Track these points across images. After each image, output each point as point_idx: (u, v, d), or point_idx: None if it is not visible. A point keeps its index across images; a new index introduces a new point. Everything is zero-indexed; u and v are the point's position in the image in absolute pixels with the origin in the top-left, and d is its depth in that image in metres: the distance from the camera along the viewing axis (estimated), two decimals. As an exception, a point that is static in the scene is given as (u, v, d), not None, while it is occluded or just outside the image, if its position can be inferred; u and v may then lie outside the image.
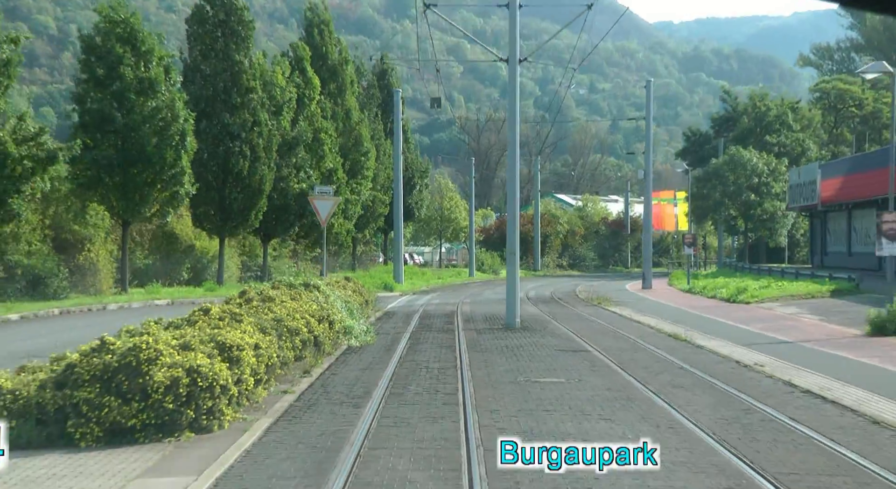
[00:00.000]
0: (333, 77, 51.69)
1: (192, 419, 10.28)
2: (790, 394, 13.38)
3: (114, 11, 32.53)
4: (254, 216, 39.94)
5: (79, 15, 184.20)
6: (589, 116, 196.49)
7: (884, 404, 12.35)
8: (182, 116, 33.31)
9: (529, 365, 16.62)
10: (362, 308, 25.07)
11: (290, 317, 15.71)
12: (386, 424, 11.14)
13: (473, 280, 62.55)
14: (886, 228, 21.19)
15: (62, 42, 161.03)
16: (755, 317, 27.18)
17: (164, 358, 10.32)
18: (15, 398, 9.99)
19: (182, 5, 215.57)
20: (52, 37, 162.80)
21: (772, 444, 10.05)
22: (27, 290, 30.04)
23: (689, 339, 20.67)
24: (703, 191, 63.76)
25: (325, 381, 14.62)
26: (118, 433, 9.95)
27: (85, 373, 10.16)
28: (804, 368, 15.79)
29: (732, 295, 34.37)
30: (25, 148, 27.05)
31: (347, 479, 8.50)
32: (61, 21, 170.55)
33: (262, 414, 11.65)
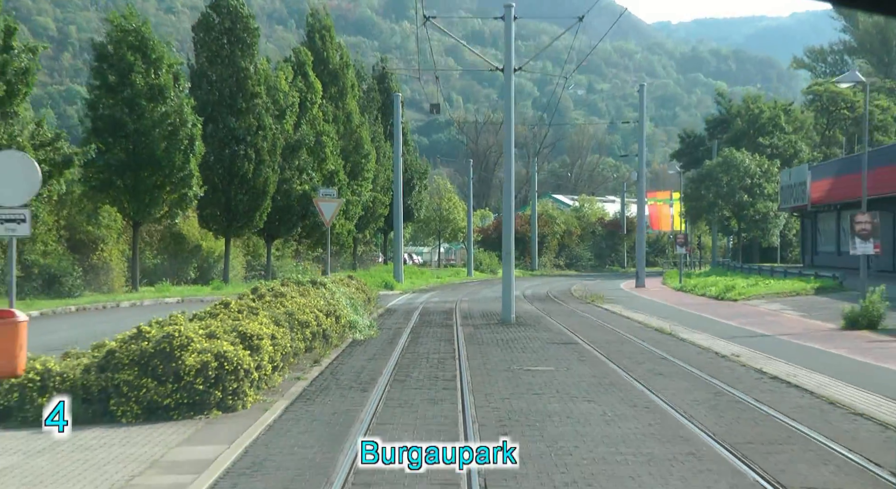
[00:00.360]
0: (334, 81, 52.90)
1: (219, 399, 11.55)
2: (759, 380, 14.66)
3: (125, 20, 33.80)
4: (258, 217, 41.19)
5: (78, 16, 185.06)
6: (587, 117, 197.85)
7: (842, 388, 13.63)
8: (190, 121, 34.59)
9: (522, 356, 17.90)
10: (365, 305, 26.32)
11: (301, 312, 16.97)
12: (391, 405, 12.42)
13: (472, 279, 63.81)
14: (859, 229, 22.47)
15: (62, 43, 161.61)
16: (739, 313, 28.48)
17: (195, 344, 11.61)
18: (63, 380, 11.27)
19: (182, 6, 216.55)
20: (51, 38, 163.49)
21: (734, 420, 11.33)
22: (43, 289, 31.33)
23: (673, 333, 21.96)
24: (698, 192, 64.99)
25: (334, 370, 15.90)
26: (154, 411, 11.22)
27: (124, 358, 11.44)
28: (776, 358, 17.08)
29: (721, 293, 35.65)
30: (43, 152, 28.28)
31: (350, 469, 9.75)
32: (61, 23, 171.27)
33: (280, 396, 12.93)
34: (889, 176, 43.80)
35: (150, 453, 9.54)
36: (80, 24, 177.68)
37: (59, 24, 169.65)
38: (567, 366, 16.23)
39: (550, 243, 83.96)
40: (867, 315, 21.77)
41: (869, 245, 22.35)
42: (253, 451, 9.73)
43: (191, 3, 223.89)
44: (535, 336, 21.80)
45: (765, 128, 72.92)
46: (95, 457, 9.38)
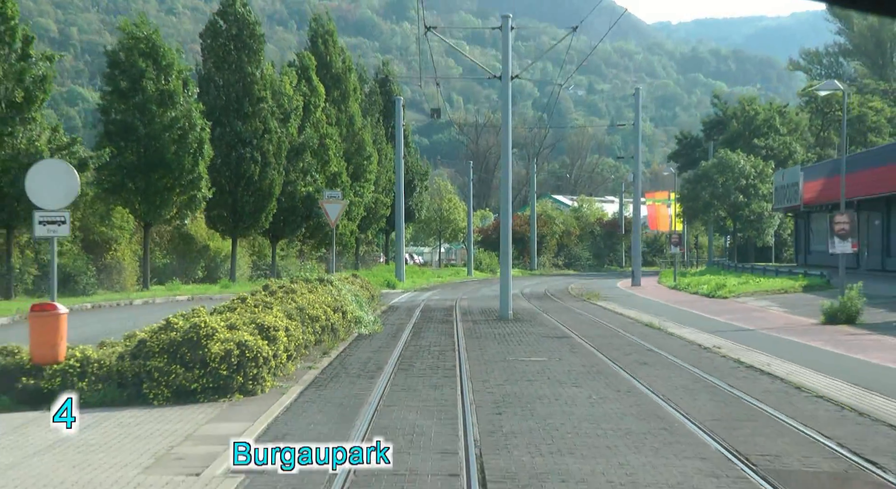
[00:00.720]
0: (337, 85, 54.07)
1: (241, 383, 12.76)
2: (736, 369, 15.87)
3: (137, 28, 35.02)
4: (264, 218, 42.40)
5: (79, 18, 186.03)
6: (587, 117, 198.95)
7: (810, 375, 14.84)
8: (199, 125, 35.81)
9: (518, 348, 19.11)
10: (369, 302, 27.51)
11: (311, 307, 18.17)
12: (396, 390, 13.63)
13: (472, 278, 65.02)
14: (838, 228, 23.66)
15: (63, 45, 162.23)
16: (728, 309, 29.69)
17: (219, 334, 12.81)
18: (100, 366, 12.48)
19: (182, 8, 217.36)
20: (52, 39, 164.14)
21: (707, 402, 12.54)
22: (58, 287, 32.38)
23: (662, 328, 23.16)
24: (694, 192, 66.18)
25: (343, 360, 17.11)
26: (183, 394, 12.42)
27: (155, 347, 12.65)
28: (755, 349, 18.28)
29: (712, 290, 36.84)
30: (59, 156, 29.47)
31: (369, 424, 10.99)
32: (62, 24, 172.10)
33: (294, 382, 14.14)
34: (879, 177, 45.01)
35: (184, 429, 10.74)
36: (82, 25, 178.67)
37: (60, 25, 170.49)
38: (559, 357, 17.43)
39: (549, 243, 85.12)
40: (845, 310, 22.96)
41: (847, 244, 23.54)
42: (274, 428, 10.93)
43: (192, 5, 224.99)
44: (530, 331, 23.01)
45: (760, 129, 74.15)
46: (135, 432, 10.59)
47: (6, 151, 29.25)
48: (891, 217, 45.84)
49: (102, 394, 12.29)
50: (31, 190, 13.15)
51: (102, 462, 9.09)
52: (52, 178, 12.81)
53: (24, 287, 31.95)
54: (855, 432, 10.58)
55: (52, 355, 12.45)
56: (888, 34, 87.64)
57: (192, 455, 9.40)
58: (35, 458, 9.22)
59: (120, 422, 11.14)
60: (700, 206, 66.49)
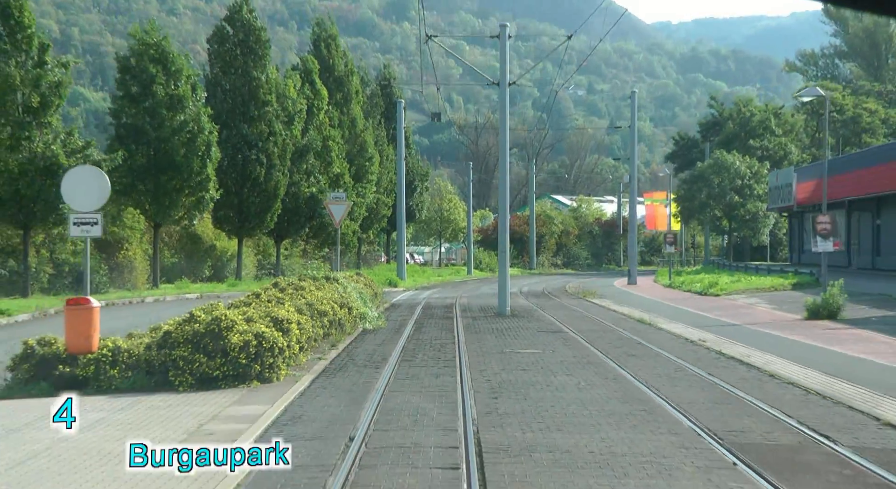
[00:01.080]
0: (340, 87, 55.23)
1: (258, 372, 13.89)
2: (717, 360, 17.01)
3: (147, 35, 36.18)
4: (269, 218, 43.56)
5: (81, 19, 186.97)
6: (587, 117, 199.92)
7: (785, 365, 15.97)
8: (207, 129, 36.97)
9: (514, 341, 20.26)
10: (373, 299, 28.64)
11: (319, 303, 19.31)
12: (401, 378, 14.77)
13: (472, 278, 66.15)
14: (820, 228, 24.81)
15: (64, 45, 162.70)
16: (718, 306, 30.84)
17: (238, 326, 13.95)
18: (130, 355, 13.62)
19: (183, 8, 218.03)
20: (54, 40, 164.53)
21: (686, 388, 13.67)
22: (72, 285, 33.69)
23: (652, 323, 24.30)
24: (690, 193, 67.37)
25: (350, 352, 18.26)
26: (205, 381, 13.56)
27: (179, 338, 13.79)
28: (738, 343, 19.42)
29: (704, 288, 37.97)
30: (74, 159, 30.66)
31: (377, 407, 12.12)
32: (63, 25, 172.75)
33: (306, 372, 15.27)
34: (869, 178, 46.15)
35: (210, 410, 11.88)
36: (83, 26, 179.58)
37: (61, 26, 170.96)
38: (552, 349, 18.57)
39: (548, 243, 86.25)
40: (827, 306, 24.09)
41: (829, 243, 24.68)
42: (291, 410, 12.07)
43: (192, 5, 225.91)
44: (526, 326, 24.15)
45: (755, 130, 75.33)
46: (166, 413, 11.73)
47: (23, 155, 30.41)
48: (881, 217, 46.96)
49: (132, 380, 13.43)
50: (66, 194, 14.30)
51: (141, 437, 10.23)
52: (85, 183, 13.94)
53: (40, 285, 33.13)
54: (816, 413, 11.72)
55: (87, 345, 13.59)
56: (883, 36, 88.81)
57: (220, 431, 10.54)
58: (82, 434, 10.34)
59: (150, 405, 12.28)
60: (696, 206, 67.71)
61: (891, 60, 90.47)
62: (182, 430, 10.59)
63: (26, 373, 13.44)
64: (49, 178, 30.28)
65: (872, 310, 26.17)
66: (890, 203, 45.49)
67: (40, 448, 9.67)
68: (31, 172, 30.26)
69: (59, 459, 9.18)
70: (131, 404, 12.29)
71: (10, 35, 30.27)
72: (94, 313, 13.74)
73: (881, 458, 9.25)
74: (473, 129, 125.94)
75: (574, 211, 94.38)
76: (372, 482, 8.39)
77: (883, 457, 9.29)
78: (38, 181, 30.40)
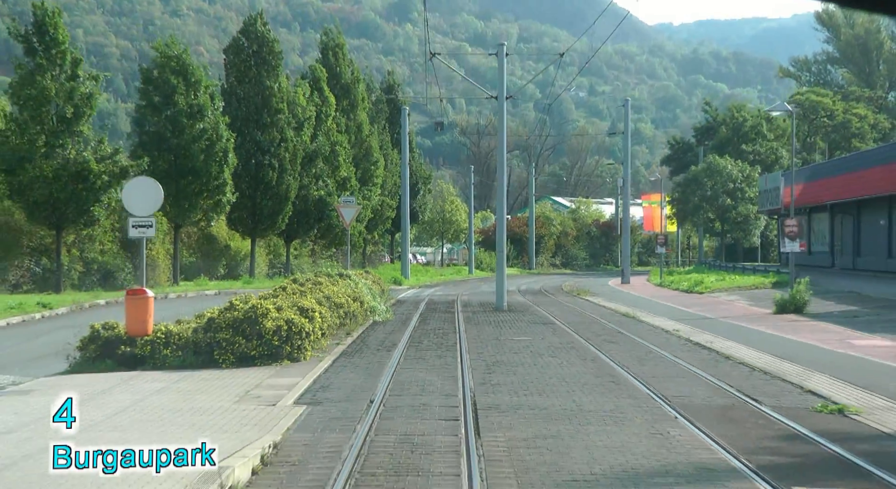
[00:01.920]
0: (346, 94, 57.71)
1: (288, 352, 16.34)
2: (684, 345, 19.47)
3: (168, 48, 38.67)
4: (280, 220, 46.03)
5: (85, 20, 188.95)
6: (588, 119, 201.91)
7: (742, 349, 18.41)
8: (225, 136, 39.46)
9: (509, 331, 22.72)
10: (381, 295, 31.09)
11: (335, 296, 21.76)
12: (409, 358, 17.24)
13: (473, 277, 68.61)
14: (788, 231, 27.26)
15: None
16: (699, 302, 33.30)
17: (271, 313, 16.41)
18: (179, 338, 16.08)
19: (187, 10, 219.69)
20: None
21: (651, 367, 16.13)
22: (100, 282, 36.20)
23: (635, 317, 26.76)
24: (685, 195, 69.80)
25: (363, 339, 20.73)
26: (244, 359, 16.00)
27: (222, 323, 16.24)
28: (707, 332, 21.87)
29: (691, 287, 40.43)
30: (104, 165, 33.16)
31: (390, 379, 14.58)
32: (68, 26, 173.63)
33: (327, 354, 17.73)
34: (851, 182, 48.59)
35: (252, 381, 14.33)
36: (87, 27, 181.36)
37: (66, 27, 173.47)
38: (542, 337, 21.04)
39: (547, 243, 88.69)
40: (794, 302, 26.53)
41: (795, 244, 27.12)
42: (319, 381, 14.53)
43: (196, 7, 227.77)
44: (521, 318, 26.62)
45: (748, 135, 77.78)
46: (217, 383, 14.18)
47: (57, 161, 32.91)
48: (861, 220, 49.38)
49: (182, 359, 15.88)
50: (126, 200, 16.74)
51: (202, 399, 12.69)
52: (142, 191, 16.39)
53: (71, 282, 35.64)
54: (754, 384, 14.19)
55: (143, 329, 16.07)
56: (874, 43, 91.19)
57: (265, 394, 13.01)
58: (151, 397, 12.79)
59: (201, 378, 14.74)
60: (690, 208, 70.11)
61: (882, 66, 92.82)
62: (234, 394, 13.04)
63: (93, 353, 15.90)
64: (80, 182, 32.84)
65: (837, 306, 28.60)
66: (869, 206, 47.85)
67: (126, 406, 12.11)
68: (64, 177, 32.76)
69: (144, 412, 11.62)
70: (185, 377, 14.74)
71: (45, 50, 32.81)
72: (149, 302, 16.22)
73: (790, 413, 11.72)
74: (475, 132, 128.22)
75: (573, 212, 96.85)
76: (391, 428, 10.87)
77: (792, 413, 11.76)
78: (70, 186, 32.92)
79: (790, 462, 9.39)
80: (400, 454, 9.59)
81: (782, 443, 10.22)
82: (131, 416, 11.35)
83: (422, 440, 10.21)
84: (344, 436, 10.38)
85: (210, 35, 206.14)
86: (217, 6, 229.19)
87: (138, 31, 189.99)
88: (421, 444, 10.00)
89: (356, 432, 10.57)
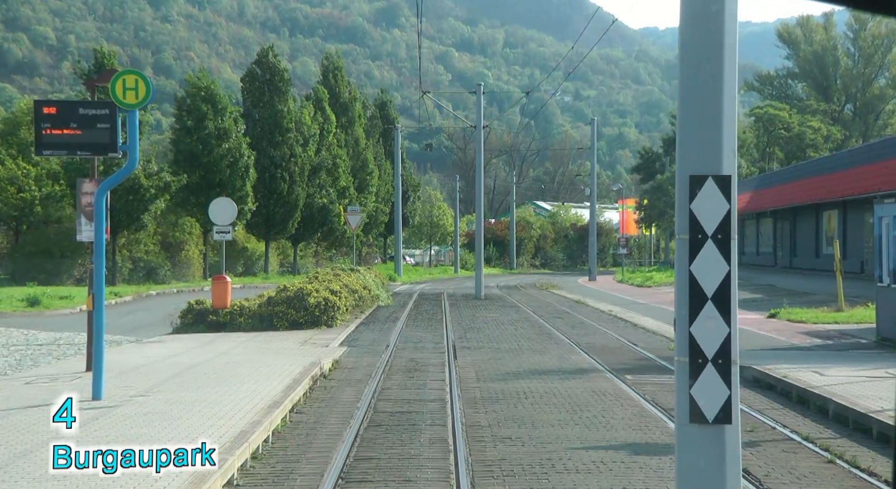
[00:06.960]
0: (345, 112, 64.62)
1: (325, 320, 23.31)
2: (610, 319, 26.54)
3: (199, 80, 45.62)
4: (290, 225, 52.96)
5: (77, 26, 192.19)
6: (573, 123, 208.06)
7: (649, 321, 25.41)
8: (246, 154, 46.41)
9: (482, 312, 29.80)
10: (382, 286, 38.08)
11: (351, 284, 28.76)
12: (410, 326, 24.28)
13: (458, 276, 75.57)
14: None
15: (61, 52, 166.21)
16: (643, 294, 40.36)
17: (313, 293, 23.40)
18: (249, 310, 23.04)
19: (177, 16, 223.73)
20: (51, 47, 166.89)
21: (578, 330, 23.18)
22: (144, 278, 43.12)
23: (584, 302, 33.83)
24: (651, 202, 76.99)
25: (373, 316, 27.77)
26: (294, 325, 22.93)
27: (278, 299, 23.21)
28: (632, 311, 28.92)
29: (642, 281, 47.46)
30: (150, 181, 40.05)
31: (398, 336, 21.61)
32: (60, 32, 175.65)
33: (350, 324, 24.72)
34: (786, 192, 55.86)
35: (305, 336, 21.28)
36: (79, 33, 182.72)
37: (58, 33, 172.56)
38: (506, 315, 28.12)
39: (527, 246, 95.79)
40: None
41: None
42: (350, 337, 21.55)
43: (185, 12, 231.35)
44: (493, 304, 33.70)
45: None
46: (282, 337, 21.12)
47: (113, 177, 39.74)
48: (796, 224, 56.60)
49: (251, 324, 22.81)
50: (212, 213, 23.66)
51: (277, 345, 19.66)
52: (223, 207, 23.36)
53: (122, 277, 42.51)
54: (640, 337, 21.25)
55: (224, 303, 23.03)
56: (830, 59, 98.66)
57: (318, 341, 20.00)
58: (245, 343, 19.72)
59: (268, 336, 21.69)
60: (656, 213, 77.28)
61: (838, 81, 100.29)
62: (296, 341, 20.00)
63: (189, 320, 22.83)
64: (132, 194, 39.70)
65: (745, 295, 35.57)
66: (802, 213, 55.03)
67: (230, 347, 19.05)
68: (119, 190, 39.55)
69: (244, 351, 18.57)
70: (256, 336, 21.67)
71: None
72: (228, 284, 23.20)
73: (651, 350, 18.79)
74: (462, 137, 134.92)
75: (552, 216, 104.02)
76: (403, 355, 17.92)
77: (653, 351, 18.81)
78: (124, 197, 39.76)
79: (632, 367, 16.47)
80: (410, 365, 16.64)
81: (635, 362, 17.29)
82: (238, 352, 18.33)
83: (422, 359, 17.30)
84: (375, 359, 17.43)
85: (200, 40, 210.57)
86: (207, 12, 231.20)
87: (129, 36, 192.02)
88: (421, 361, 17.08)
89: (381, 357, 17.63)
